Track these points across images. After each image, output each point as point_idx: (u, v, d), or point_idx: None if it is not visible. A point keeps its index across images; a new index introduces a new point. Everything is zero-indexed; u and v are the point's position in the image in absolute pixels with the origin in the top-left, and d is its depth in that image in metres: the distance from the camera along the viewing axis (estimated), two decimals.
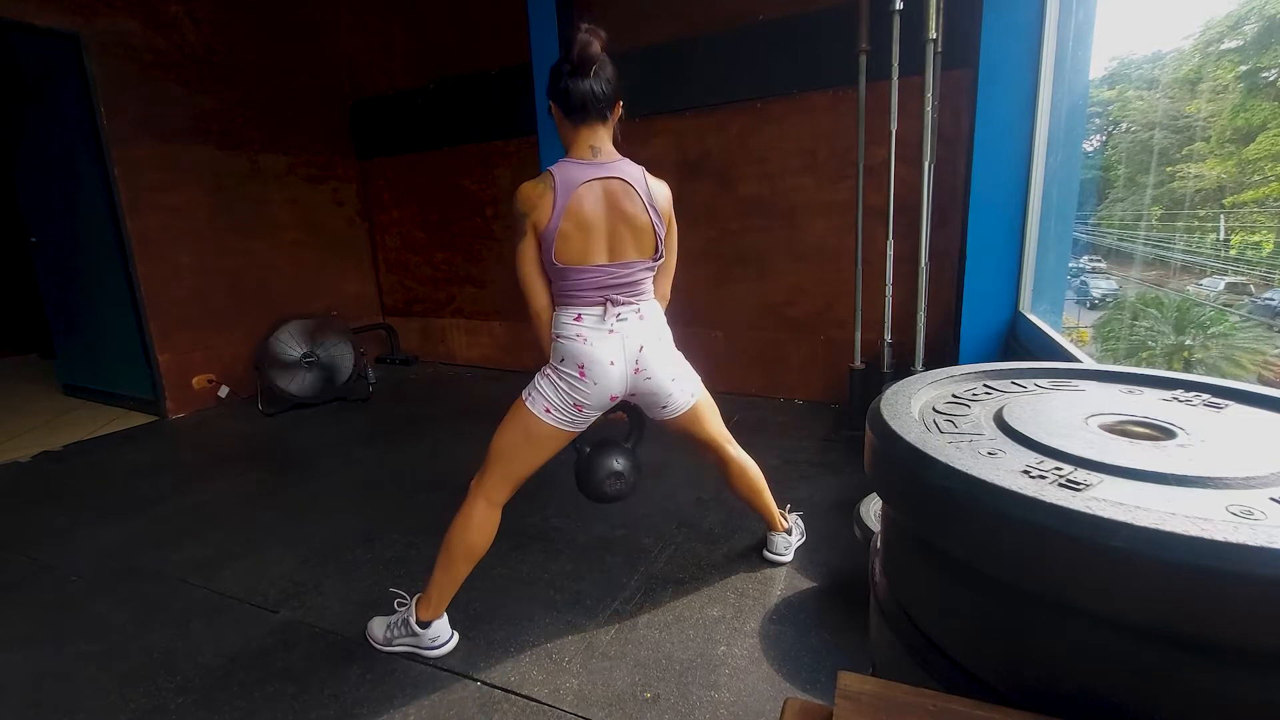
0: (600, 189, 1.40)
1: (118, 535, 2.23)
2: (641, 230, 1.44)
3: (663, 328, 1.56)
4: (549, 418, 1.47)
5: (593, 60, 1.35)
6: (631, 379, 1.49)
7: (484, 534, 1.51)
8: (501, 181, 4.15)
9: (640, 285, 1.50)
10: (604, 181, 1.40)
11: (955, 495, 0.59)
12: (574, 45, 1.34)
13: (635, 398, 1.56)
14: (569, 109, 1.39)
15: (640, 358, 1.48)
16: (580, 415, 1.50)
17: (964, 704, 0.57)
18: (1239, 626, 0.47)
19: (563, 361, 1.46)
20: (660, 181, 1.49)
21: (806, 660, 1.48)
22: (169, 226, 3.54)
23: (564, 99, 1.38)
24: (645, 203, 1.44)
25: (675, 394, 1.57)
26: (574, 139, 1.42)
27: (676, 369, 1.58)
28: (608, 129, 1.44)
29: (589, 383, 1.45)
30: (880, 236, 2.84)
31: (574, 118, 1.40)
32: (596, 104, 1.38)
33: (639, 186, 1.43)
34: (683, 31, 3.32)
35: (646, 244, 1.47)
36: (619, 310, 1.45)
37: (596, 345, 1.44)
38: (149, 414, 3.64)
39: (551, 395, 1.47)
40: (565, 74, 1.36)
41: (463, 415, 3.51)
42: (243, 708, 1.40)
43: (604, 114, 1.41)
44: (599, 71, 1.37)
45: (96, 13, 3.20)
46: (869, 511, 1.77)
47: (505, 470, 1.51)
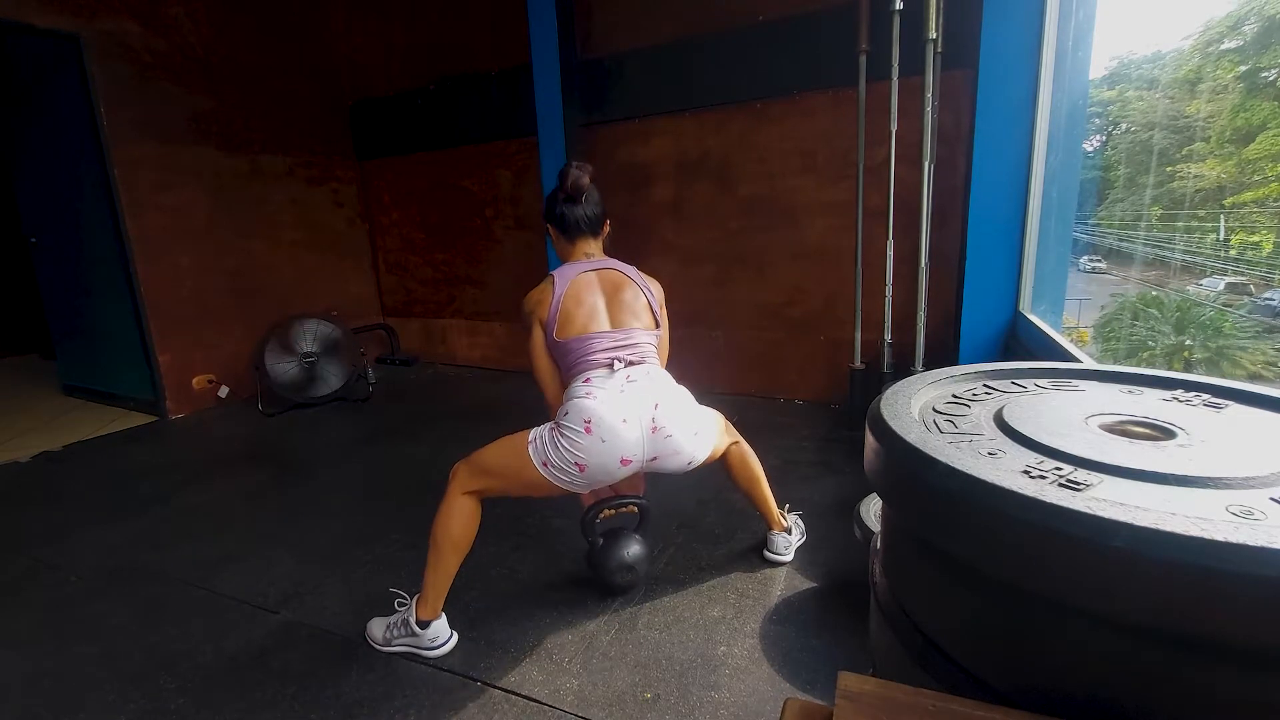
0: (596, 276, 1.61)
1: (118, 535, 2.23)
2: (639, 305, 1.60)
3: (675, 386, 1.56)
4: (545, 472, 1.45)
5: (583, 190, 1.61)
6: (650, 440, 1.47)
7: (466, 524, 1.50)
8: (501, 182, 4.15)
9: (644, 348, 1.56)
10: (599, 271, 1.62)
11: (955, 495, 0.59)
12: (567, 178, 1.59)
13: (657, 462, 1.51)
14: (564, 229, 1.64)
15: (656, 415, 1.46)
16: (581, 477, 1.45)
17: (964, 704, 0.57)
18: (1239, 626, 0.47)
19: (567, 416, 1.45)
20: (653, 278, 1.70)
21: (806, 660, 1.48)
22: (169, 227, 3.54)
23: (560, 222, 1.63)
24: (639, 285, 1.63)
25: (699, 449, 1.57)
26: (570, 252, 1.66)
27: (699, 423, 1.57)
28: (599, 242, 1.68)
29: (594, 440, 1.41)
30: (880, 236, 2.84)
31: (569, 235, 1.65)
32: (588, 223, 1.64)
33: (633, 275, 1.64)
34: (683, 31, 3.32)
35: (645, 317, 1.60)
36: (628, 372, 1.49)
37: (606, 402, 1.43)
38: (149, 414, 3.64)
39: (551, 452, 1.44)
40: (560, 201, 1.62)
41: (463, 415, 3.51)
42: (243, 708, 1.40)
43: (595, 230, 1.66)
44: (588, 198, 1.63)
45: (96, 13, 3.21)
46: (869, 511, 1.77)
47: (489, 482, 1.51)
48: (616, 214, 1.88)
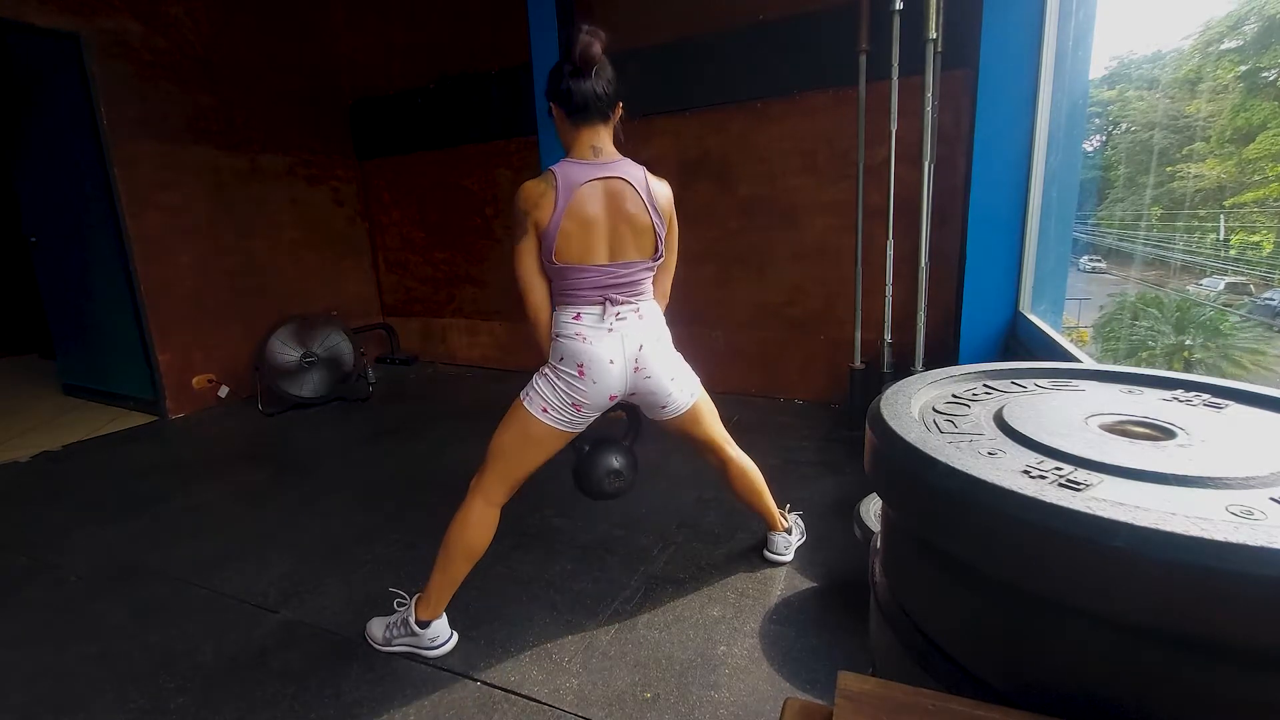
0: (602, 189, 1.41)
1: (118, 535, 2.23)
2: (642, 230, 1.45)
3: (662, 327, 1.56)
4: (546, 417, 1.47)
5: (594, 61, 1.36)
6: (631, 378, 1.49)
7: (482, 533, 1.51)
8: (501, 181, 4.15)
9: (639, 285, 1.50)
10: (605, 181, 1.41)
11: (955, 495, 0.59)
12: (575, 46, 1.34)
13: (635, 397, 1.56)
14: (570, 109, 1.39)
15: (640, 356, 1.49)
16: (579, 415, 1.50)
17: (964, 704, 0.57)
18: (1239, 626, 0.47)
19: (561, 360, 1.46)
20: (661, 181, 1.50)
21: (806, 660, 1.48)
22: (169, 226, 3.54)
23: (565, 99, 1.38)
24: (646, 202, 1.44)
25: (675, 394, 1.58)
26: (575, 139, 1.43)
27: (676, 369, 1.59)
28: (608, 129, 1.45)
29: (588, 381, 1.45)
30: (880, 236, 2.84)
31: (575, 118, 1.40)
32: (598, 104, 1.39)
33: (640, 186, 1.44)
34: (683, 31, 3.32)
35: (646, 244, 1.48)
36: (618, 309, 1.46)
37: (595, 344, 1.44)
38: (149, 414, 3.64)
39: (549, 395, 1.47)
40: (566, 74, 1.37)
41: (463, 415, 3.51)
42: (243, 708, 1.40)
43: (605, 114, 1.42)
44: (600, 72, 1.38)
45: (96, 13, 3.20)
46: (869, 511, 1.77)
47: (504, 470, 1.51)
48: None
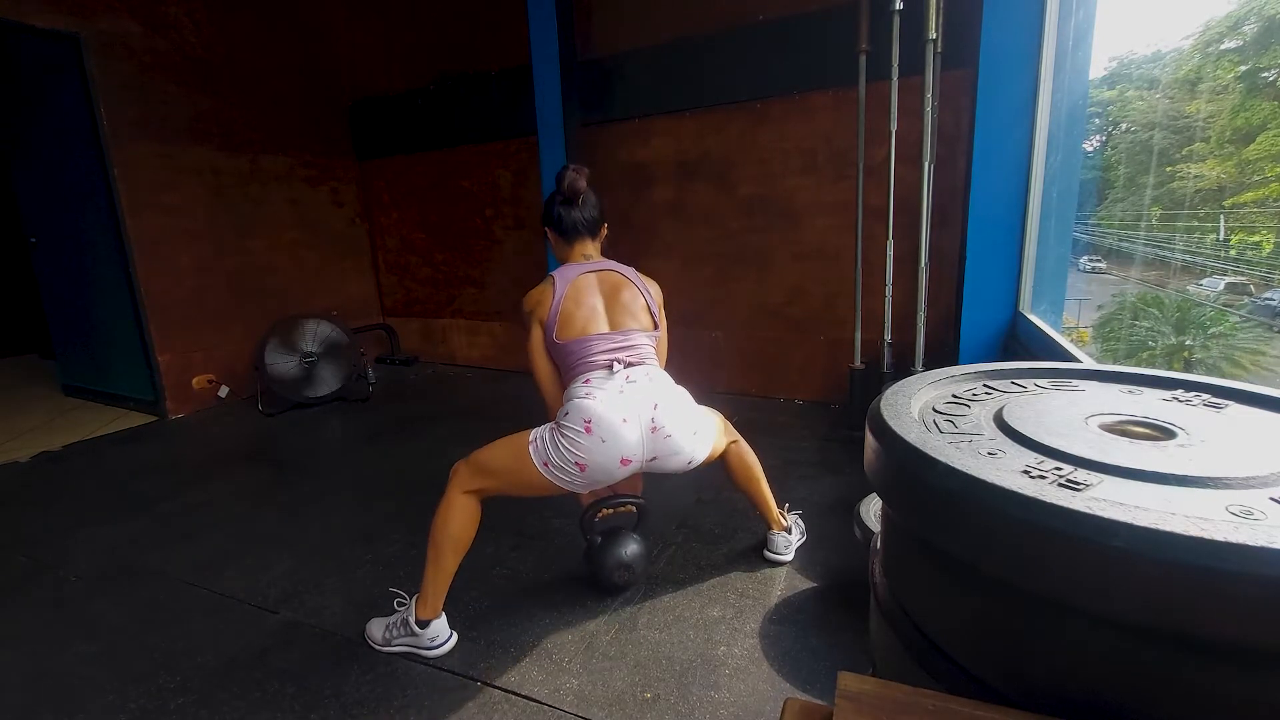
0: (595, 277, 1.62)
1: (118, 535, 2.23)
2: (638, 307, 1.61)
3: (675, 387, 1.56)
4: (545, 472, 1.46)
5: (580, 192, 1.61)
6: (649, 440, 1.47)
7: (466, 523, 1.50)
8: (501, 182, 4.15)
9: (643, 349, 1.56)
10: (599, 273, 1.62)
11: (955, 495, 0.59)
12: (564, 180, 1.59)
13: (656, 462, 1.52)
14: (562, 231, 1.65)
15: (656, 416, 1.47)
16: (581, 476, 1.46)
17: (964, 704, 0.57)
18: (1239, 626, 0.47)
19: (567, 416, 1.46)
20: (651, 280, 1.71)
21: (806, 660, 1.48)
22: (169, 227, 3.54)
23: (558, 224, 1.64)
24: (640, 288, 1.64)
25: (698, 449, 1.57)
26: (568, 254, 1.67)
27: (697, 423, 1.57)
28: (596, 244, 1.69)
29: (595, 440, 1.42)
30: (880, 236, 2.84)
31: (567, 238, 1.65)
32: (586, 225, 1.64)
33: (632, 276, 1.65)
34: (683, 31, 3.32)
35: (644, 318, 1.61)
36: (628, 373, 1.49)
37: (606, 403, 1.43)
38: (149, 414, 3.64)
39: (552, 452, 1.45)
40: (558, 203, 1.63)
41: (463, 415, 3.51)
42: (243, 708, 1.40)
43: (594, 232, 1.67)
44: (585, 200, 1.64)
45: (96, 13, 3.20)
46: (869, 511, 1.77)
47: (489, 481, 1.50)
48: (617, 214, 1.88)
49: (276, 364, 3.58)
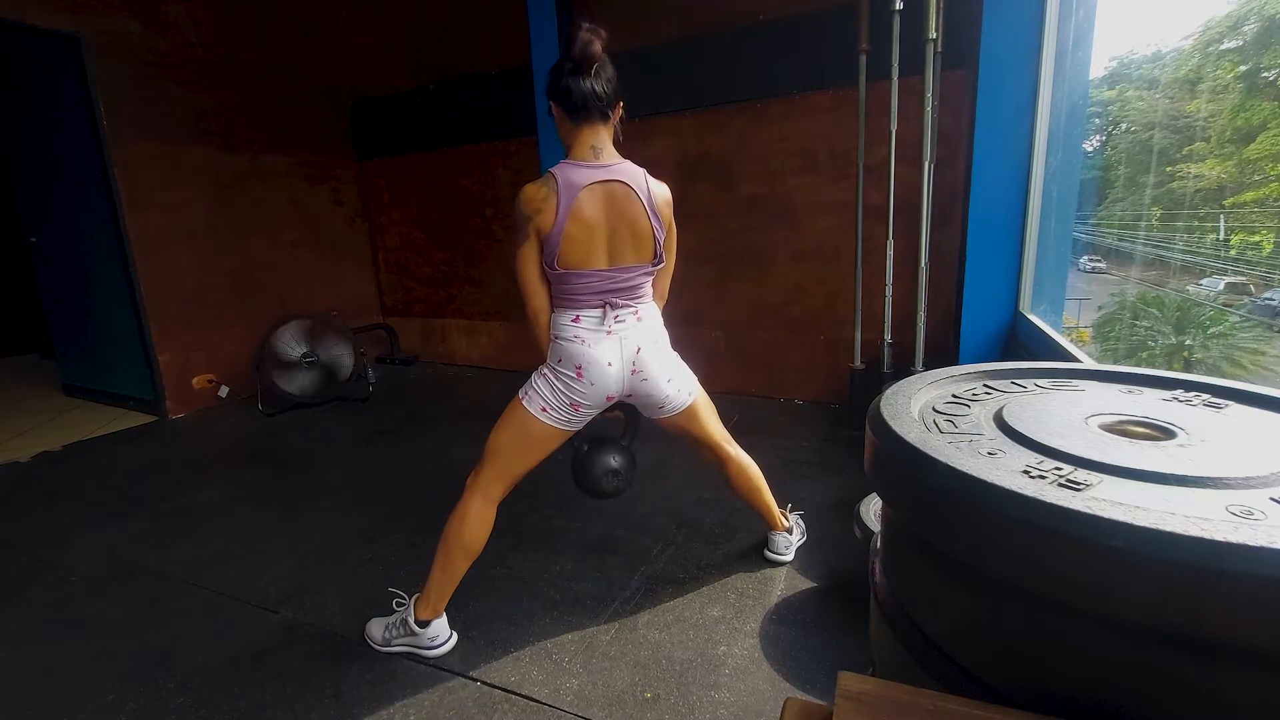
0: (602, 192, 1.39)
1: (118, 535, 2.23)
2: (642, 235, 1.46)
3: (660, 330, 1.57)
4: (545, 417, 1.48)
5: (594, 59, 1.34)
6: (629, 380, 1.50)
7: (480, 531, 1.51)
8: (501, 181, 4.15)
9: (639, 289, 1.51)
10: (606, 185, 1.39)
11: (955, 495, 0.59)
12: (575, 44, 1.32)
13: (632, 398, 1.57)
14: (570, 108, 1.38)
15: (637, 360, 1.49)
16: (577, 415, 1.51)
17: (964, 704, 0.57)
18: (1239, 626, 0.47)
19: (560, 362, 1.47)
20: (661, 184, 1.49)
21: (806, 660, 1.48)
22: (169, 226, 3.54)
23: (565, 97, 1.37)
24: (646, 207, 1.44)
25: (672, 395, 1.58)
26: (575, 139, 1.42)
27: (673, 370, 1.59)
28: (609, 129, 1.43)
29: (586, 383, 1.46)
30: (880, 236, 2.84)
31: (575, 117, 1.39)
32: (598, 102, 1.37)
33: (640, 190, 1.43)
34: (683, 31, 3.32)
35: (646, 250, 1.48)
36: (617, 313, 1.46)
37: (594, 346, 1.45)
38: (149, 414, 3.64)
39: (548, 394, 1.48)
40: (566, 72, 1.35)
41: (463, 415, 3.51)
42: (243, 708, 1.40)
43: (605, 113, 1.40)
44: (600, 71, 1.36)
45: (96, 13, 3.20)
46: (869, 511, 1.77)
47: (501, 468, 1.51)
48: None
49: (277, 363, 3.58)
